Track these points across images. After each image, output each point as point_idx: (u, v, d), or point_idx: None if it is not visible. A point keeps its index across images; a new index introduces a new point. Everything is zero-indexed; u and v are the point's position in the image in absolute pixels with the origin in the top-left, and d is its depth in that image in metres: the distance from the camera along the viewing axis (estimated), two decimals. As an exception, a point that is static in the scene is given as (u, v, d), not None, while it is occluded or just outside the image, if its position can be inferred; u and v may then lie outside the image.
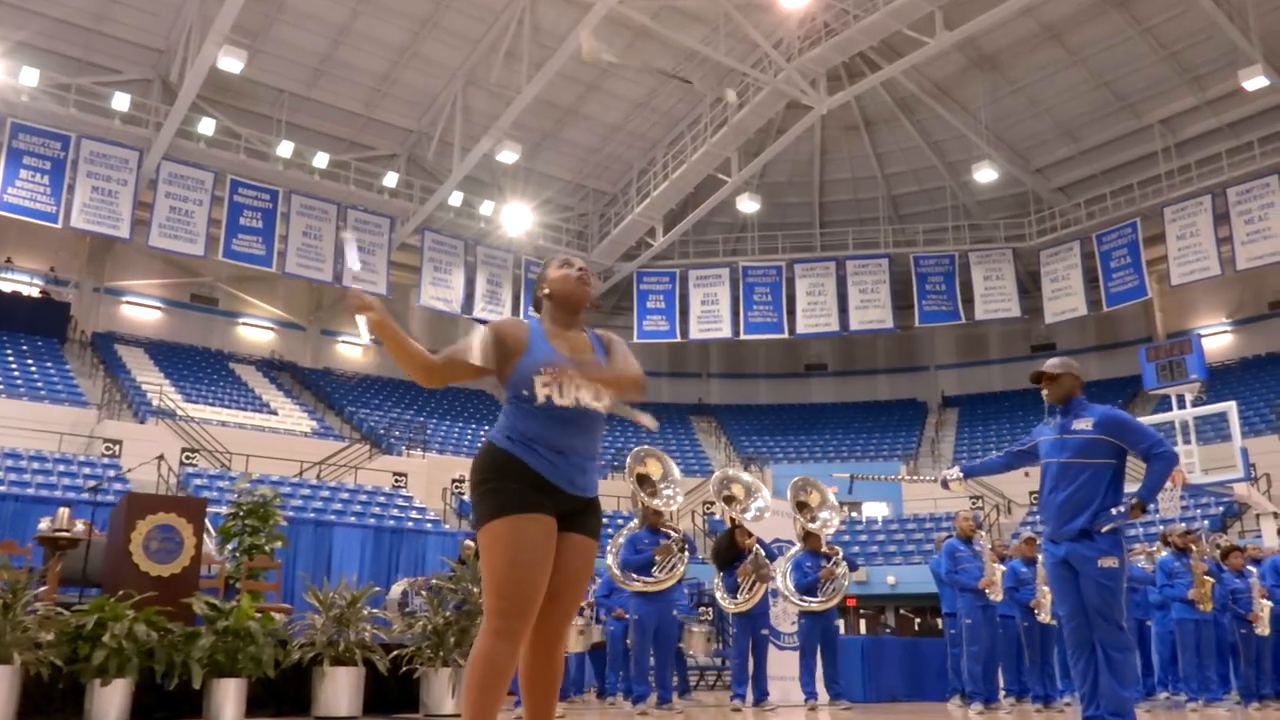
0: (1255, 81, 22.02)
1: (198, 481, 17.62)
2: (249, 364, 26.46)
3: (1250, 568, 9.93)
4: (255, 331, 27.94)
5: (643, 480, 7.17)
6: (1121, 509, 5.01)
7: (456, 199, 25.92)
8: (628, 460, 7.49)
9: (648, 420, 3.46)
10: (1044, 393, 5.44)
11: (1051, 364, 5.50)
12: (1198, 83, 24.14)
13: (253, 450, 19.53)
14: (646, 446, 7.29)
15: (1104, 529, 4.95)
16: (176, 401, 21.58)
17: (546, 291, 3.13)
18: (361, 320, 2.91)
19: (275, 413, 23.57)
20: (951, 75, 25.24)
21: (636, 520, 7.95)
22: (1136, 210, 25.92)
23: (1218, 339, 27.99)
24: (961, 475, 6.02)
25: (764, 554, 8.65)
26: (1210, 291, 27.51)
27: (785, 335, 28.86)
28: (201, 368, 25.00)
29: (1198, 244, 24.61)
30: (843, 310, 28.42)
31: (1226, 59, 22.69)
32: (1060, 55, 24.07)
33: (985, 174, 26.00)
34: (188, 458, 19.24)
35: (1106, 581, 4.95)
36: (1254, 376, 26.13)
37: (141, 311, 26.17)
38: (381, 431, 23.91)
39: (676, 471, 7.25)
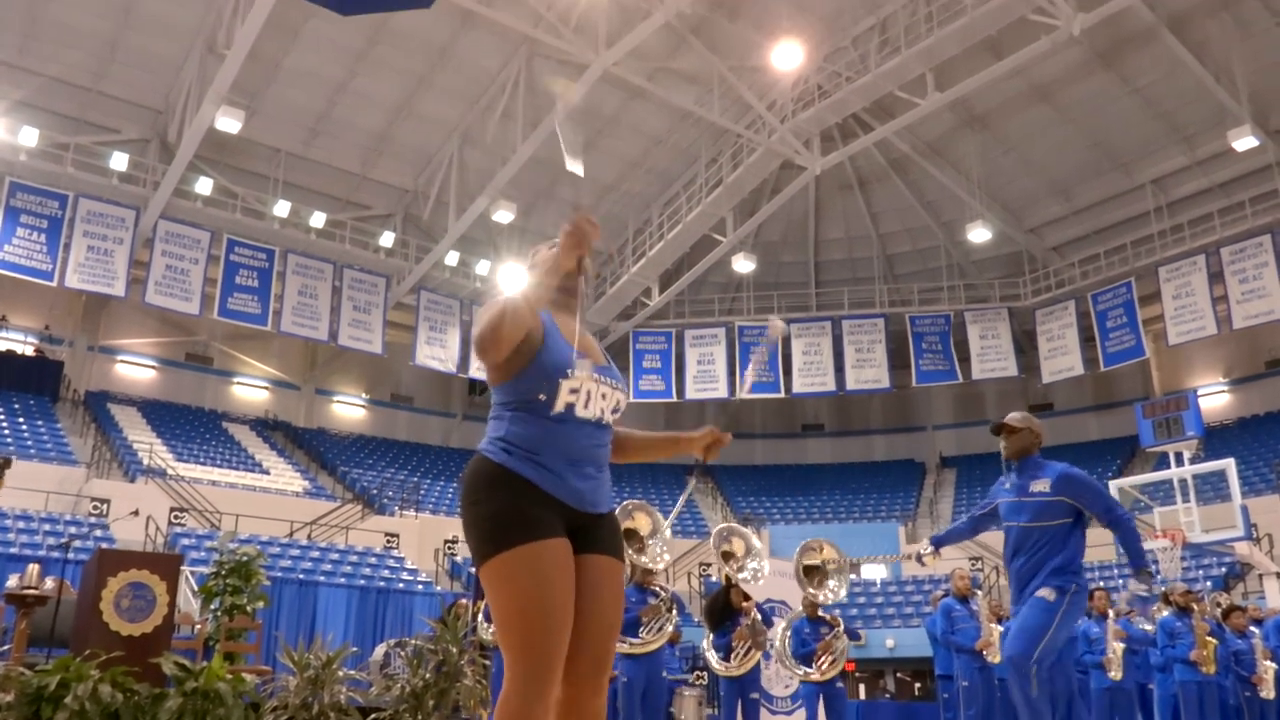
0: (1244, 142, 22.21)
1: (185, 541, 17.38)
2: (242, 423, 26.31)
3: (1253, 628, 9.72)
4: (249, 390, 27.82)
5: (630, 535, 7.02)
6: (1143, 592, 4.96)
7: (452, 258, 25.99)
8: (615, 513, 7.33)
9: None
10: (1001, 445, 5.35)
11: (1013, 417, 5.44)
12: (1188, 142, 24.34)
13: (243, 510, 19.30)
14: (636, 500, 7.13)
15: (1135, 612, 4.99)
16: (168, 460, 21.39)
17: (544, 264, 2.71)
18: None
19: (267, 472, 23.36)
20: (943, 135, 25.46)
21: (624, 577, 7.75)
22: (1131, 269, 25.97)
23: (1215, 398, 27.89)
24: (933, 549, 5.89)
25: (761, 620, 8.42)
26: (1207, 350, 27.47)
27: (781, 395, 28.73)
28: (194, 426, 24.84)
29: (1193, 303, 24.62)
30: (839, 370, 28.33)
31: (1215, 119, 22.90)
32: (1050, 115, 24.30)
33: (979, 233, 26.10)
34: (176, 517, 19.00)
35: (1037, 606, 4.92)
36: (1252, 435, 25.98)
37: (135, 370, 26.08)
38: (374, 491, 23.68)
39: (666, 527, 7.10)
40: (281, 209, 23.81)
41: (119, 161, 22.08)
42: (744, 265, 27.58)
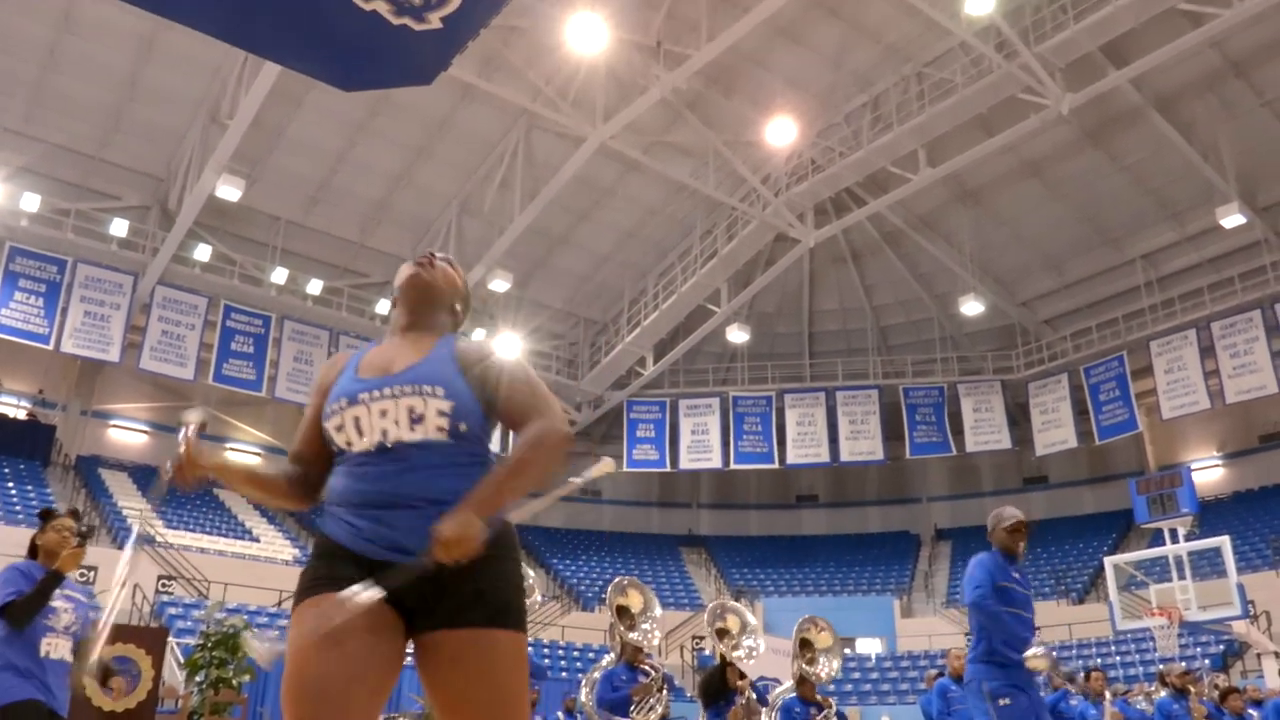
0: (1232, 219, 22.52)
1: (172, 610, 17.18)
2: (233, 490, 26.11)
3: (1251, 710, 9.60)
4: (241, 456, 27.68)
5: (622, 612, 6.95)
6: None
7: (448, 326, 26.05)
8: (608, 590, 7.27)
9: (601, 469, 2.58)
10: (1021, 545, 5.42)
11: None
12: (1177, 219, 24.65)
13: (232, 578, 19.12)
14: (629, 577, 7.10)
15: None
16: (157, 527, 21.23)
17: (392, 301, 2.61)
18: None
19: (257, 539, 23.17)
20: (936, 209, 25.77)
21: (614, 655, 7.67)
22: (1122, 343, 26.13)
23: (1209, 472, 27.87)
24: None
25: (755, 699, 8.28)
26: (1200, 424, 27.50)
27: (775, 466, 28.67)
28: (185, 493, 24.65)
29: (1185, 377, 24.73)
30: (833, 441, 28.30)
31: (1204, 196, 23.23)
32: (1041, 190, 24.64)
33: (972, 306, 26.29)
34: (164, 585, 18.80)
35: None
36: (1247, 510, 25.91)
37: (127, 435, 25.98)
38: (364, 559, 23.47)
39: (657, 605, 7.04)
40: (279, 276, 23.95)
41: (119, 228, 22.26)
42: (738, 336, 27.70)
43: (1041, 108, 20.27)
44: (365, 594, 2.03)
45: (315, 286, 24.54)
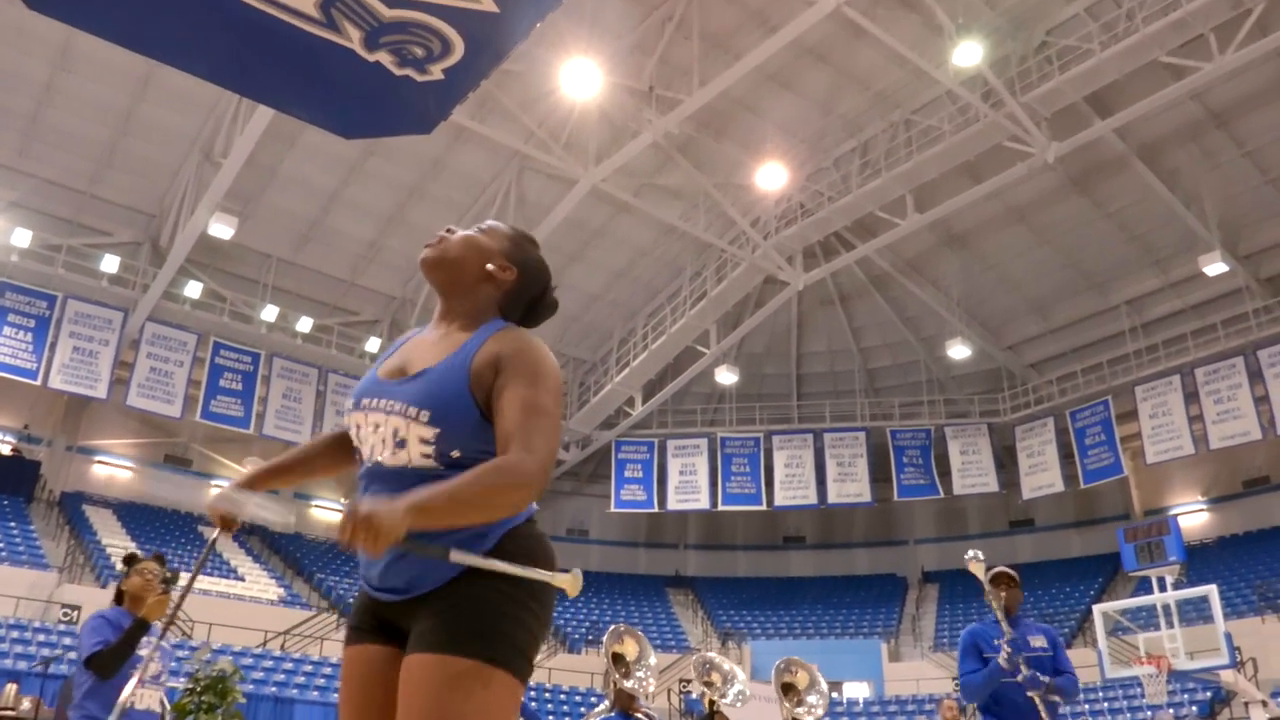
0: (1215, 267, 22.81)
1: (155, 650, 16.99)
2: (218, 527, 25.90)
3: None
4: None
5: (618, 659, 6.95)
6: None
7: (437, 364, 26.08)
8: (605, 637, 7.28)
9: (565, 581, 2.13)
10: (1003, 594, 5.20)
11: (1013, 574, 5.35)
12: (1160, 265, 24.95)
13: (216, 618, 18.94)
14: (625, 625, 7.11)
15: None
16: (140, 565, 21.01)
17: None
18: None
19: (242, 579, 22.97)
20: (923, 253, 26.02)
21: (607, 702, 7.65)
22: (1108, 388, 26.32)
23: (1195, 517, 27.97)
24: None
25: None
26: (1185, 469, 27.65)
27: (763, 507, 28.66)
28: (169, 530, 24.49)
29: (1170, 423, 24.91)
30: (820, 482, 28.33)
31: (1187, 243, 23.54)
32: (1028, 236, 24.92)
33: (959, 350, 26.47)
34: (147, 625, 18.60)
35: None
36: (1233, 555, 25.99)
37: (112, 471, 25.79)
38: (351, 601, 23.27)
39: (653, 654, 7.05)
40: (269, 313, 23.96)
41: (109, 264, 22.26)
42: (727, 377, 27.79)
43: (1027, 156, 20.56)
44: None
45: (305, 324, 24.55)
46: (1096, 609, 16.89)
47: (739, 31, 19.40)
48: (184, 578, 6.57)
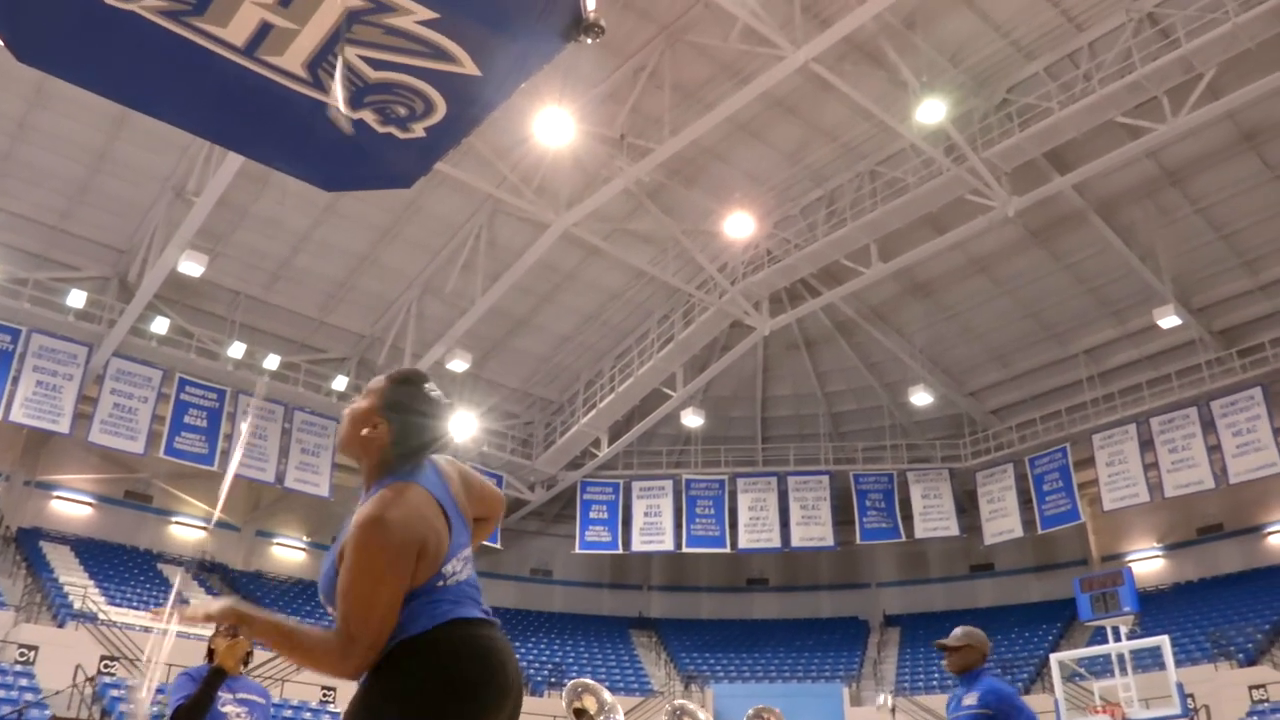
0: (1168, 320, 23.41)
1: (114, 693, 16.78)
2: (178, 565, 25.66)
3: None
4: (187, 530, 27.23)
5: (580, 714, 7.05)
6: None
7: (404, 404, 26.07)
8: (564, 694, 7.38)
9: None
10: (943, 662, 5.47)
11: (955, 635, 5.56)
12: (1117, 316, 25.57)
13: (175, 659, 18.68)
14: (584, 680, 7.22)
15: None
16: (99, 604, 20.78)
17: None
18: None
19: (202, 618, 22.71)
20: (888, 301, 26.48)
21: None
22: (1066, 435, 26.84)
23: (1150, 563, 28.47)
24: None
25: None
26: (1141, 516, 28.16)
27: (727, 550, 28.81)
28: (128, 568, 24.20)
29: (1126, 470, 25.43)
30: (784, 525, 28.54)
31: (1142, 296, 24.16)
32: (989, 286, 25.46)
33: (921, 396, 26.90)
34: (106, 666, 18.36)
35: None
36: (1186, 602, 26.46)
37: (71, 507, 25.46)
38: (311, 640, 23.09)
39: (620, 712, 7.16)
40: (236, 350, 23.89)
41: (76, 299, 22.14)
42: (693, 420, 28.00)
43: (989, 209, 21.10)
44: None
45: (272, 361, 24.50)
46: (1054, 658, 17.19)
47: (710, 83, 19.82)
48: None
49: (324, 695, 20.31)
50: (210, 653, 4.42)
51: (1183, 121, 18.65)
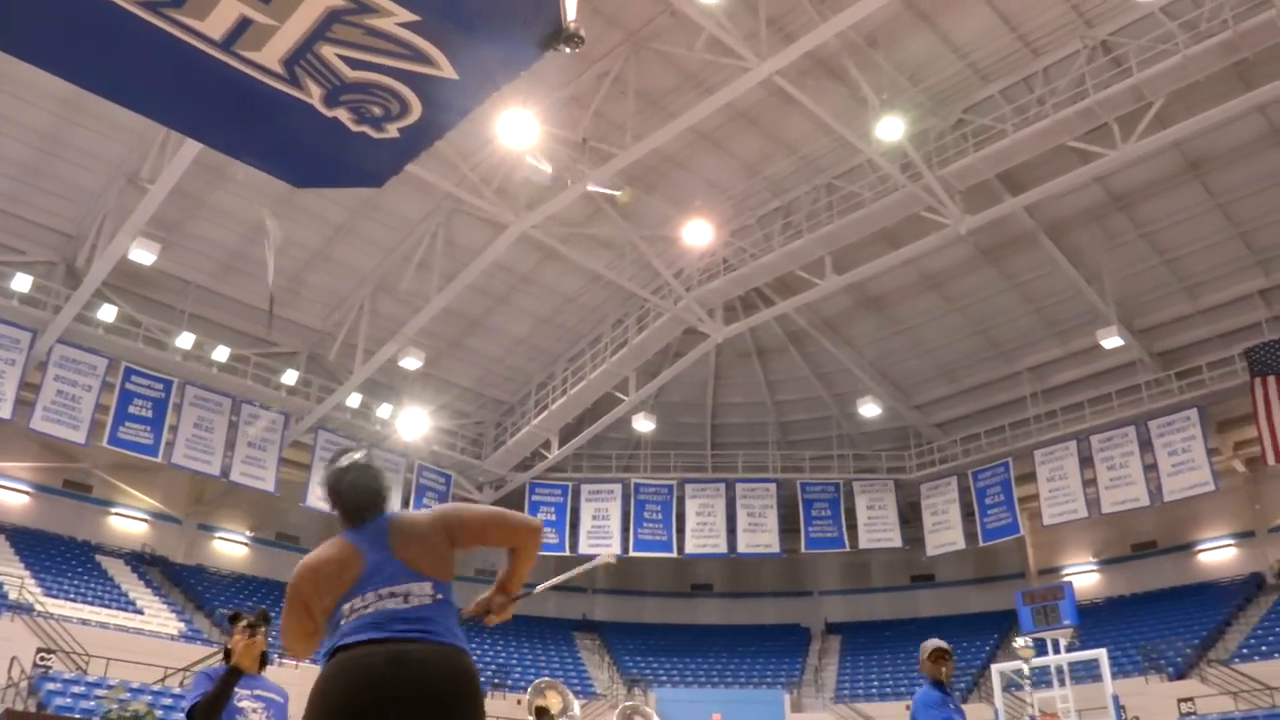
0: (1111, 340, 24.00)
1: (50, 686, 16.48)
2: (117, 557, 25.23)
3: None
4: (127, 522, 26.76)
5: (542, 713, 7.12)
6: None
7: (354, 400, 25.93)
8: (528, 693, 7.46)
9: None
10: (944, 670, 5.59)
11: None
12: (1061, 336, 26.14)
13: (114, 652, 18.45)
14: (548, 678, 7.30)
15: None
16: (36, 595, 20.37)
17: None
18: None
19: (141, 611, 22.38)
20: (840, 314, 26.82)
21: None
22: (1008, 450, 27.37)
23: (1086, 577, 29.10)
24: None
25: None
26: (1078, 531, 28.81)
27: (674, 554, 28.95)
28: (66, 559, 23.74)
29: (1066, 486, 26.00)
30: (731, 531, 28.76)
31: (1087, 317, 24.75)
32: (940, 303, 25.90)
33: (869, 408, 27.28)
34: (42, 659, 18.00)
35: None
36: (1120, 617, 27.10)
37: (8, 495, 24.90)
38: (253, 636, 22.81)
39: (576, 705, 7.24)
40: (185, 341, 23.55)
41: (21, 283, 21.68)
42: (644, 425, 28.12)
43: (942, 226, 21.49)
44: None
45: (221, 353, 24.18)
46: (994, 668, 17.53)
47: (674, 92, 19.97)
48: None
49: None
50: (227, 654, 4.49)
51: (1132, 148, 19.16)
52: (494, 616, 3.27)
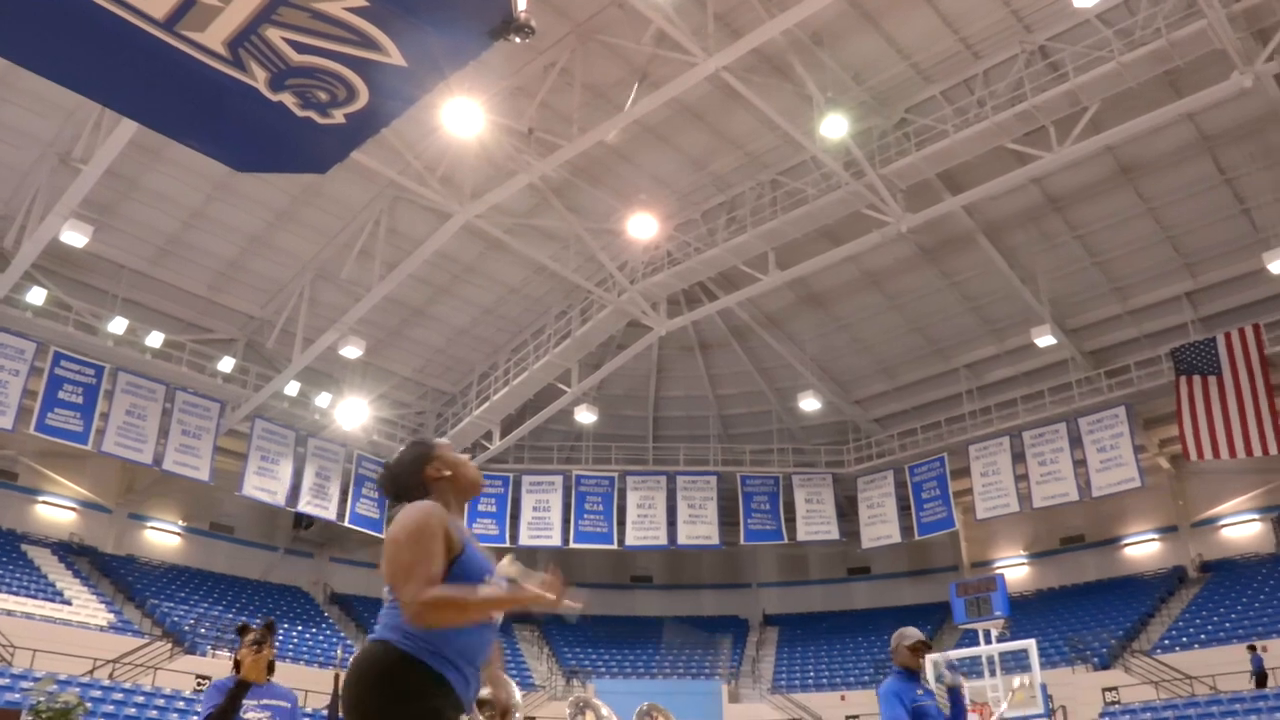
0: (1045, 339, 24.54)
1: (-28, 678, 16.06)
2: (44, 546, 24.61)
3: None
4: (55, 511, 26.11)
5: (482, 704, 7.09)
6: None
7: (293, 389, 25.59)
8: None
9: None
10: (920, 663, 5.76)
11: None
12: (997, 334, 26.66)
13: (40, 643, 18.01)
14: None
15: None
16: (-43, 585, 19.82)
17: (448, 474, 2.89)
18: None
19: (69, 602, 21.87)
20: (782, 309, 27.07)
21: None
22: (944, 445, 27.86)
23: (1016, 570, 29.76)
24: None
25: None
26: (1010, 525, 29.45)
27: (614, 546, 29.02)
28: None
29: (999, 481, 26.54)
30: (671, 524, 28.90)
31: (1022, 316, 25.27)
32: (880, 301, 26.27)
33: (809, 402, 27.58)
34: (-36, 650, 17.56)
35: None
36: (1049, 608, 27.76)
37: (-71, 483, 24.20)
38: (186, 628, 22.43)
39: (517, 694, 7.23)
40: (118, 326, 23.05)
41: (-55, 264, 21.06)
42: (586, 416, 28.14)
43: (883, 224, 21.78)
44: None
45: (155, 339, 23.69)
46: (928, 659, 17.84)
47: (620, 85, 19.95)
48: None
49: (198, 685, 19.75)
50: (237, 665, 4.63)
51: (1067, 152, 19.58)
52: None
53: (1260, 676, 20.84)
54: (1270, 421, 22.58)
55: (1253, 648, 21.27)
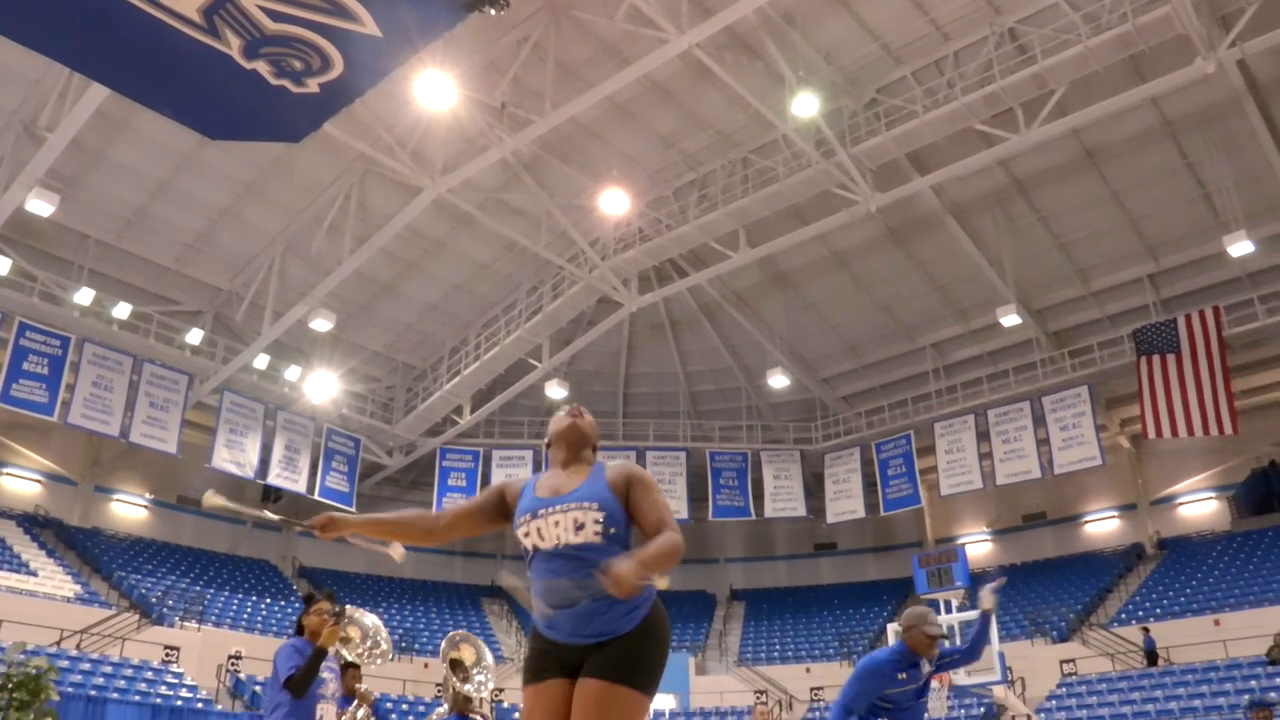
0: (1010, 319, 24.88)
1: (-62, 647, 16.01)
2: (9, 518, 24.46)
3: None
4: (19, 483, 25.94)
5: (456, 665, 7.28)
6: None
7: (262, 362, 25.51)
8: (442, 645, 7.60)
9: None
10: (934, 653, 5.74)
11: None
12: (963, 314, 27.01)
13: (6, 614, 17.97)
14: (463, 631, 7.46)
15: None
16: (-79, 556, 19.70)
17: (546, 441, 3.40)
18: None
19: (35, 574, 21.79)
20: (752, 288, 27.26)
21: (445, 705, 7.96)
22: (910, 423, 28.22)
23: (979, 546, 30.28)
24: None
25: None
26: (973, 502, 29.93)
27: (583, 521, 29.15)
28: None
29: (963, 459, 26.95)
30: (640, 499, 29.03)
31: (987, 296, 25.59)
32: (847, 281, 26.52)
33: (778, 380, 27.81)
34: (-71, 620, 17.50)
35: None
36: (1010, 583, 28.13)
37: (-109, 454, 23.96)
38: (153, 600, 22.43)
39: (490, 657, 7.42)
40: (84, 297, 22.86)
41: (-93, 233, 20.80)
42: (556, 392, 28.22)
43: (852, 203, 21.98)
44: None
45: (123, 310, 23.52)
46: (890, 627, 18.20)
47: (592, 61, 19.99)
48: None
49: (166, 655, 19.79)
50: (300, 627, 5.21)
51: (1034, 134, 19.84)
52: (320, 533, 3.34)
53: (1150, 655, 22.17)
54: (1226, 402, 23.07)
55: (1145, 629, 22.59)
